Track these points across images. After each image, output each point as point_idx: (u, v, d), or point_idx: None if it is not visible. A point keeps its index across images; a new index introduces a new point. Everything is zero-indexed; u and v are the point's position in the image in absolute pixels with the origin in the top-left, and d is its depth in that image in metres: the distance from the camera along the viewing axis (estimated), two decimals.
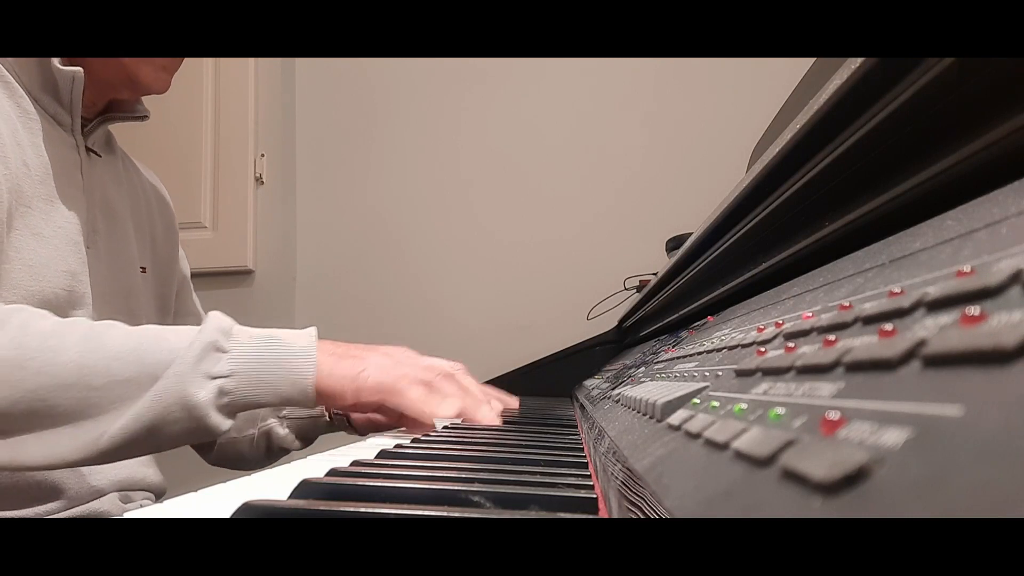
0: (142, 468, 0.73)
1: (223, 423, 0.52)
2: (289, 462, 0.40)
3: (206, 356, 0.51)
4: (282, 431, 0.77)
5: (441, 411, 0.55)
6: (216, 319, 0.54)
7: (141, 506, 0.71)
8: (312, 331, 0.57)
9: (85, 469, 0.66)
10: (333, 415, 0.77)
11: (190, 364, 0.50)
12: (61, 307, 0.61)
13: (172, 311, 0.86)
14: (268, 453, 0.80)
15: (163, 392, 0.49)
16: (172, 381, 0.49)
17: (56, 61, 0.61)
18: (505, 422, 0.60)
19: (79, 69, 0.63)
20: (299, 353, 0.54)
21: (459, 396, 0.57)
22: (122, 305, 0.71)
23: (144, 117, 0.76)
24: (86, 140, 0.68)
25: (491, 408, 0.58)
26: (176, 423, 0.50)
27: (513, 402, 0.77)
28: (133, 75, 0.67)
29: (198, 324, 0.94)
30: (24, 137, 0.60)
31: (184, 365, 0.50)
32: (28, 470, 0.50)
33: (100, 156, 0.71)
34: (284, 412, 0.78)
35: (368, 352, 0.58)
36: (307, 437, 0.79)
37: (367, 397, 0.55)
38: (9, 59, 0.60)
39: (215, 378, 0.51)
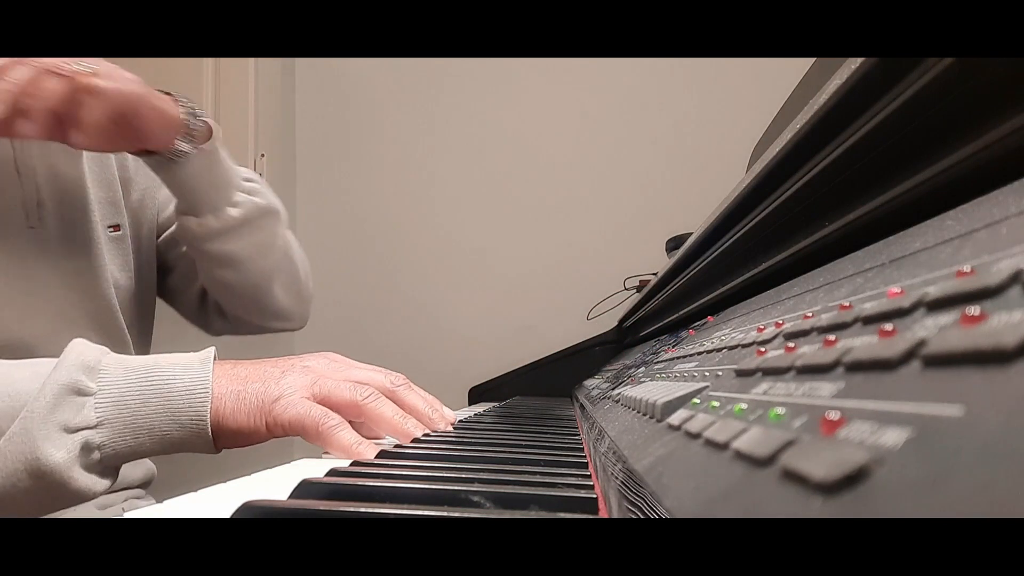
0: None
1: (96, 484, 0.41)
2: (289, 461, 0.40)
3: (62, 402, 0.40)
4: None
5: (367, 452, 0.42)
6: (78, 350, 0.43)
7: (124, 508, 0.66)
8: (207, 354, 0.45)
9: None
10: None
11: (40, 416, 0.39)
12: (2, 308, 0.56)
13: (155, 262, 0.76)
14: None
15: (4, 457, 0.39)
16: (16, 442, 0.39)
17: None
18: (506, 422, 0.60)
19: None
20: (188, 386, 0.43)
21: (399, 416, 0.46)
22: (86, 282, 0.64)
23: None
24: None
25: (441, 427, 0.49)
26: (27, 494, 0.39)
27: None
28: None
29: None
30: None
31: (32, 418, 0.39)
32: None
33: None
34: None
35: (282, 371, 0.46)
36: None
37: (283, 432, 0.45)
38: None
39: (77, 430, 0.40)
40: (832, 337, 0.19)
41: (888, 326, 0.16)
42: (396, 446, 0.43)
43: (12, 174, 0.59)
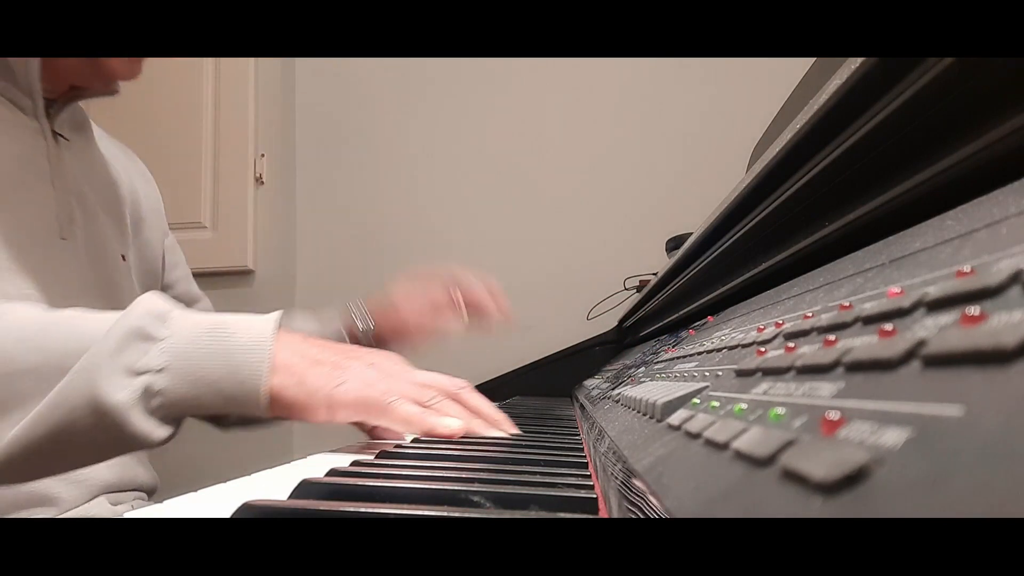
0: (133, 467, 0.69)
1: (155, 431, 0.41)
2: (289, 461, 0.40)
3: (129, 345, 0.41)
4: None
5: (441, 430, 0.45)
6: (148, 301, 0.44)
7: (133, 507, 0.69)
8: (273, 317, 0.46)
9: (75, 472, 0.63)
10: (360, 334, 0.73)
11: (107, 355, 0.40)
12: None
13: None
14: None
15: (69, 390, 0.39)
16: (81, 376, 0.39)
17: None
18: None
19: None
20: (250, 343, 0.43)
21: (464, 417, 0.47)
22: (107, 296, 0.67)
23: (114, 92, 0.68)
24: (52, 124, 0.63)
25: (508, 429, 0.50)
26: (87, 431, 0.39)
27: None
28: (99, 63, 0.62)
29: (204, 309, 0.90)
30: None
31: (99, 356, 0.39)
32: None
33: (68, 140, 0.66)
34: None
35: (349, 359, 0.47)
36: None
37: (344, 415, 0.45)
38: None
39: (140, 373, 0.40)
40: (832, 337, 0.19)
41: (888, 326, 0.16)
42: (396, 446, 0.43)
43: (48, 187, 0.62)
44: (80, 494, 0.63)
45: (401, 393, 0.46)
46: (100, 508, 0.65)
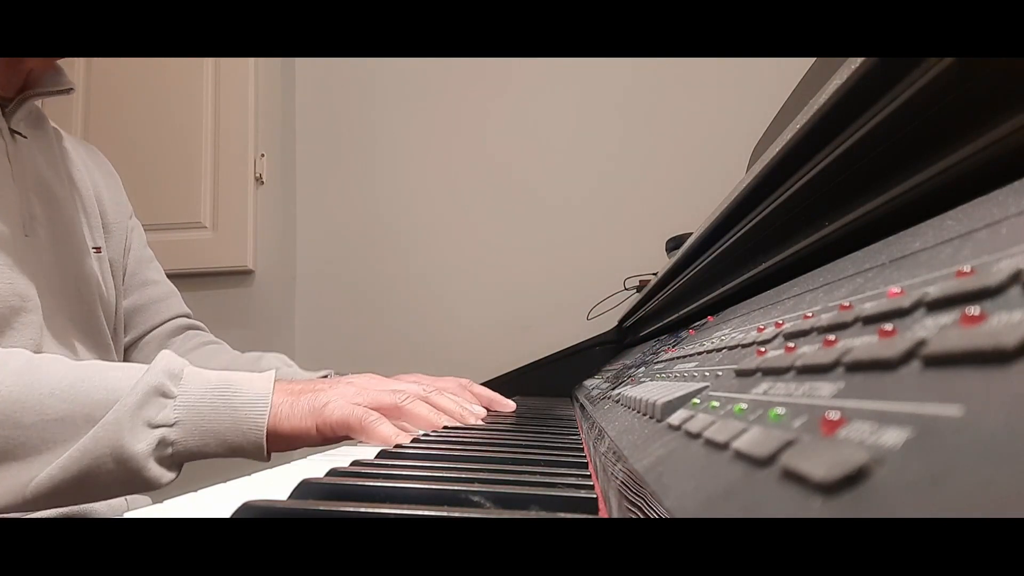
0: None
1: (164, 476, 0.47)
2: (289, 462, 0.40)
3: (149, 401, 0.47)
4: None
5: (405, 440, 0.49)
6: (166, 360, 0.50)
7: (128, 501, 0.71)
8: (270, 375, 0.53)
9: None
10: None
11: (130, 410, 0.46)
12: (6, 306, 0.59)
13: (123, 286, 0.82)
14: None
15: (96, 440, 0.45)
16: (108, 429, 0.45)
17: None
18: (506, 422, 0.60)
19: None
20: (252, 400, 0.49)
21: (429, 419, 0.53)
22: (73, 292, 0.68)
23: (68, 90, 0.70)
24: (8, 122, 0.65)
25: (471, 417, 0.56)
26: (108, 475, 0.45)
27: (508, 406, 0.74)
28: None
29: (158, 293, 0.88)
30: None
31: (123, 411, 0.46)
32: None
33: (26, 137, 0.67)
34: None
35: (329, 385, 0.54)
36: None
37: (332, 432, 0.50)
38: None
39: (157, 427, 0.47)
40: (832, 337, 0.19)
41: (888, 326, 0.16)
42: (397, 446, 0.43)
43: (9, 183, 0.63)
44: None
45: (379, 402, 0.52)
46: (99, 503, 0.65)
